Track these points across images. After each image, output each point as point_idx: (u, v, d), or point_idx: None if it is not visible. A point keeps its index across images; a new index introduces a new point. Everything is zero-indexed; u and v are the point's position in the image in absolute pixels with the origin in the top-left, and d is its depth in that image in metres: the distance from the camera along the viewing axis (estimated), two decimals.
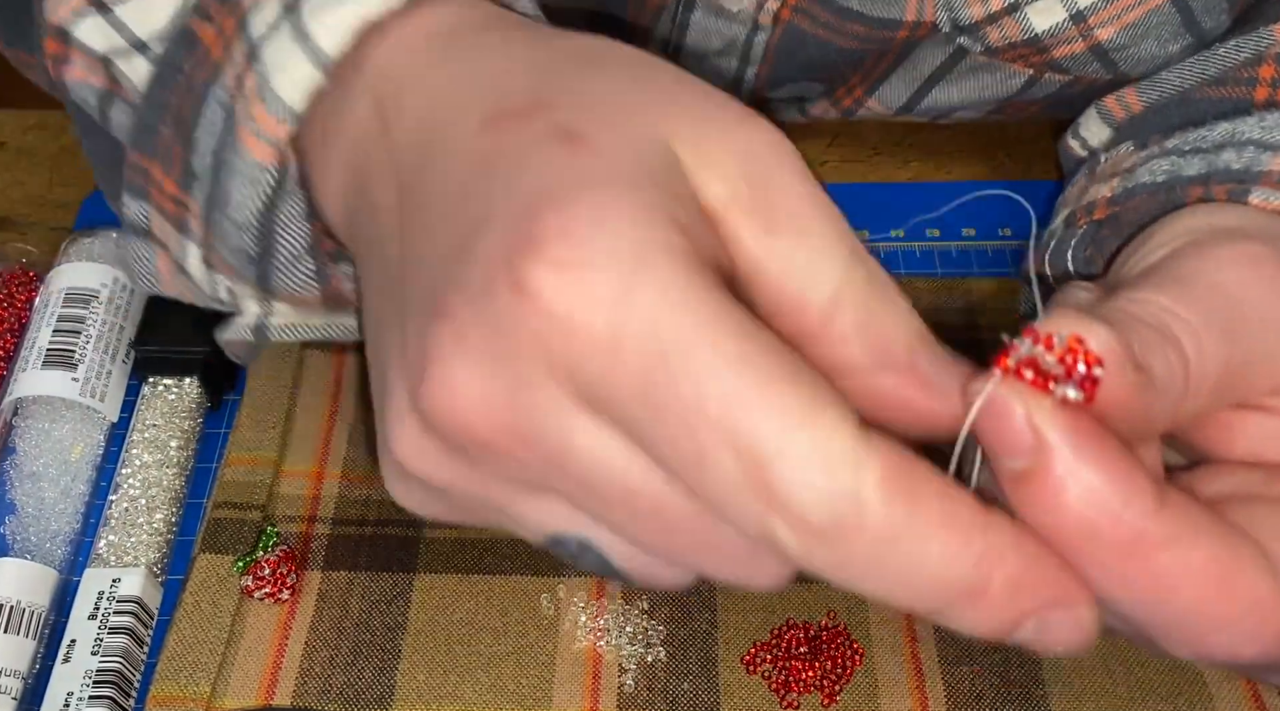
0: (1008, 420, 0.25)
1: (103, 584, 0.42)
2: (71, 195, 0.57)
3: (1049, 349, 0.25)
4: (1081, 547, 0.25)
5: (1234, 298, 0.30)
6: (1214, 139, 0.39)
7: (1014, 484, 0.25)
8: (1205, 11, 0.43)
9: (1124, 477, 0.25)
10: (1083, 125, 0.49)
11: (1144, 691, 0.40)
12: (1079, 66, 0.46)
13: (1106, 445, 0.25)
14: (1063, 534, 0.25)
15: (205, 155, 0.32)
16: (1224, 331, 0.29)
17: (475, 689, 0.41)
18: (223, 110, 0.32)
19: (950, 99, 0.51)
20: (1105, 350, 0.26)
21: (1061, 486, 0.25)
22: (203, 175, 0.33)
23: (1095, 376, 0.25)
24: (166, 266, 0.37)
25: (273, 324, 0.37)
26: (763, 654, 0.41)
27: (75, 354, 0.47)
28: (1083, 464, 0.25)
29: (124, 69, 0.35)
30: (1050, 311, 0.26)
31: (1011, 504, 0.26)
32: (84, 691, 0.40)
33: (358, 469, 0.46)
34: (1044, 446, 0.25)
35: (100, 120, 0.37)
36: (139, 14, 0.34)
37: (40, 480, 0.45)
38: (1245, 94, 0.40)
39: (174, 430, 0.47)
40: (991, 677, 0.41)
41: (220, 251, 0.34)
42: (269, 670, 0.41)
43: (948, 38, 0.47)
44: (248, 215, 0.32)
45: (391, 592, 0.43)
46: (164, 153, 0.34)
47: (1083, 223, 0.40)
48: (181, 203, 0.34)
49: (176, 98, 0.33)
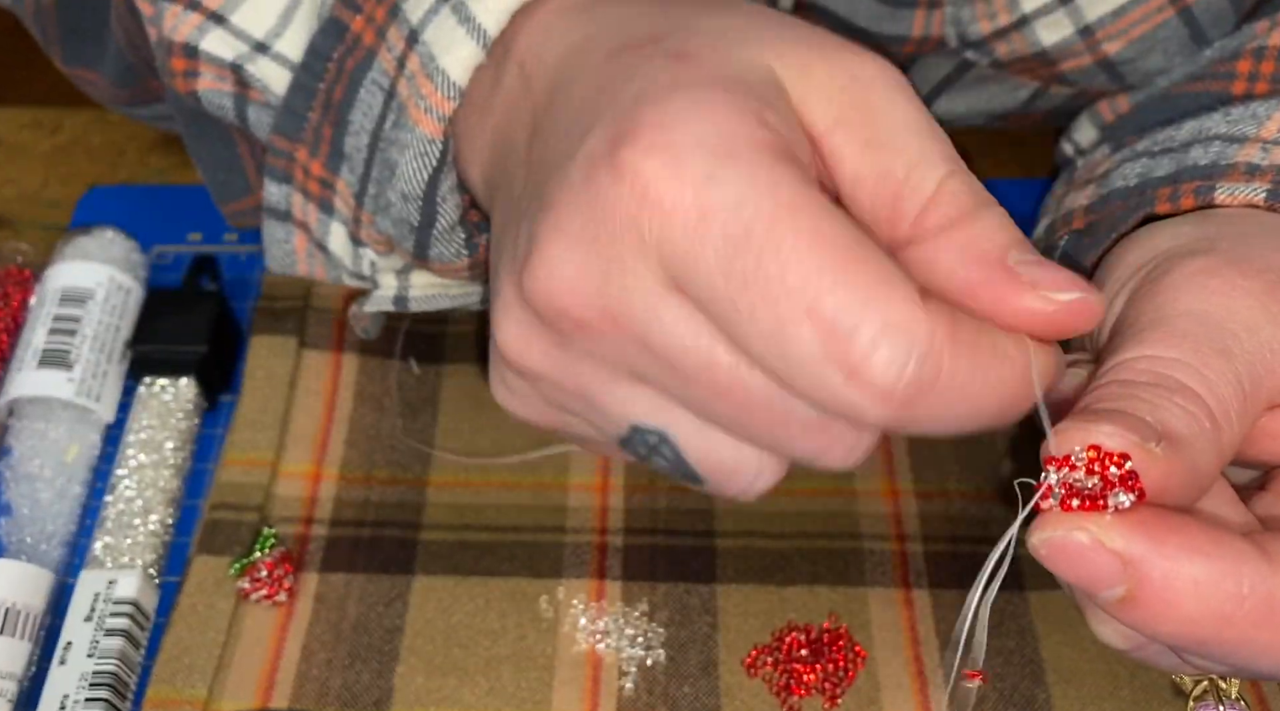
0: (1084, 558, 0.25)
1: (99, 586, 0.42)
2: (66, 193, 0.57)
3: (1073, 470, 0.25)
4: (1219, 636, 0.25)
5: (1210, 316, 0.30)
6: (1182, 138, 0.39)
7: (1123, 610, 0.25)
8: (1213, 25, 0.43)
9: (1223, 553, 0.24)
10: (1075, 128, 0.49)
11: (1147, 693, 0.40)
12: (1086, 79, 0.46)
13: (1187, 530, 0.25)
14: (1196, 635, 0.25)
15: (361, 134, 0.35)
16: (1219, 352, 0.29)
17: (474, 691, 0.41)
18: (381, 92, 0.34)
19: (956, 110, 0.51)
20: (1122, 444, 0.25)
21: (1171, 594, 0.24)
22: (354, 154, 0.36)
23: (1133, 472, 0.25)
24: (304, 246, 0.40)
25: (413, 295, 0.40)
26: (764, 656, 0.41)
27: (71, 354, 0.47)
28: (1177, 561, 0.24)
29: (253, 71, 0.38)
30: (1054, 431, 0.26)
31: (1130, 626, 0.26)
32: (80, 694, 0.40)
33: (355, 470, 0.46)
34: (1131, 564, 0.25)
35: (237, 120, 0.39)
36: (252, 18, 0.38)
37: (36, 481, 0.45)
38: (1223, 88, 0.40)
39: (170, 431, 0.46)
40: (993, 679, 0.41)
41: (380, 224, 0.36)
42: (266, 672, 0.41)
43: (955, 52, 0.47)
44: (415, 187, 0.34)
45: (389, 595, 0.43)
46: (311, 136, 0.37)
47: (1063, 234, 0.40)
48: (328, 183, 0.37)
49: (326, 84, 0.36)
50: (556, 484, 0.46)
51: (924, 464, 0.46)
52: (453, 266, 0.37)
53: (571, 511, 0.45)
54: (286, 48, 0.38)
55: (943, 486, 0.45)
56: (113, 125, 0.59)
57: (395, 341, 0.49)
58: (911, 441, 0.46)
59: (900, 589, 0.43)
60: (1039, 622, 0.42)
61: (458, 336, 0.49)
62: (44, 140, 0.59)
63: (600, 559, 0.44)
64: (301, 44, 0.38)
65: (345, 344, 0.49)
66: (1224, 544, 0.25)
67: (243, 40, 0.39)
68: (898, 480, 0.46)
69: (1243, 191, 0.35)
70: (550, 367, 0.29)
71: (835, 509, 0.45)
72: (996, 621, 0.42)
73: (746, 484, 0.30)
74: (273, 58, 0.38)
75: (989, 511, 0.45)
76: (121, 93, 0.48)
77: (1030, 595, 0.42)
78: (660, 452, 0.29)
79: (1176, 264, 0.32)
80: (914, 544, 0.44)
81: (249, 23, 0.39)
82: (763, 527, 0.44)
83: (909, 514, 0.45)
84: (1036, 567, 0.42)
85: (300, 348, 0.48)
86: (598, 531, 0.44)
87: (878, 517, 0.45)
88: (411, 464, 0.46)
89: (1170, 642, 0.26)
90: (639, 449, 0.30)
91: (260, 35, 0.38)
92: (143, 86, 0.47)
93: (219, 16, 0.39)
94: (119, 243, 0.50)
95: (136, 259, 0.51)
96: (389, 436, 0.47)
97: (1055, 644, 0.41)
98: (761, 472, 0.29)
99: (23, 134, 0.59)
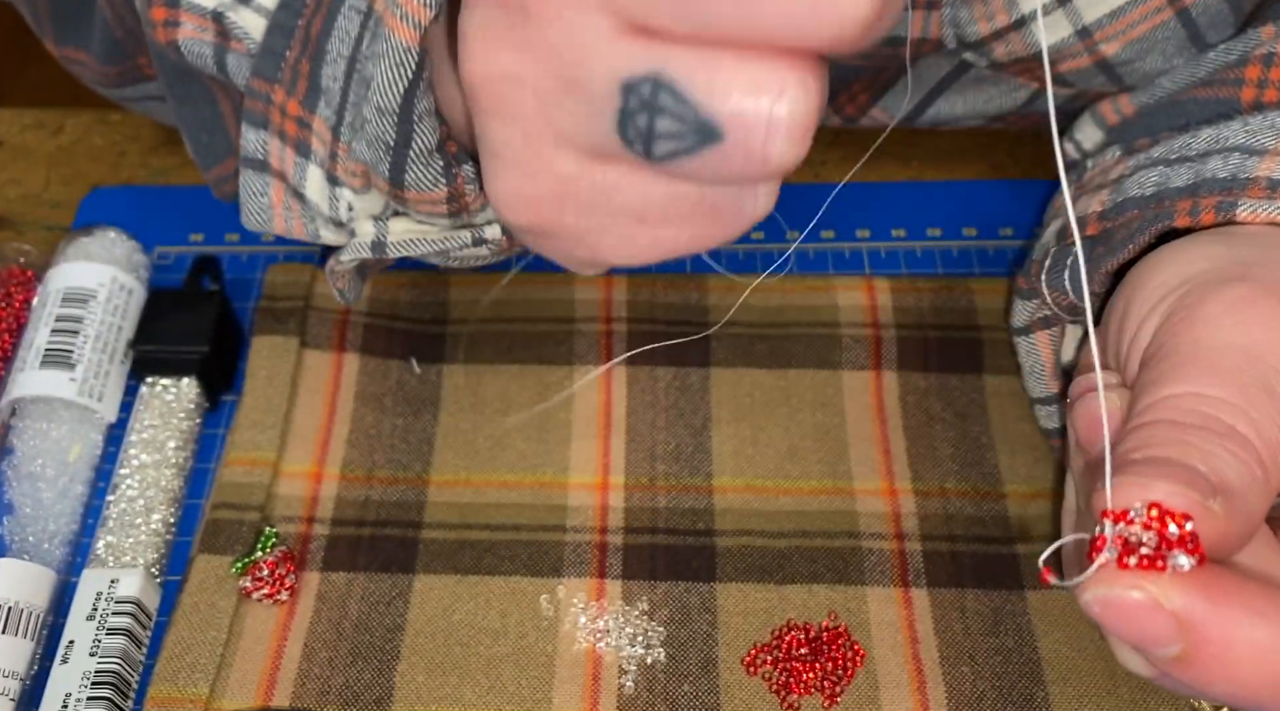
0: (1141, 617, 0.25)
1: (101, 585, 0.42)
2: (69, 194, 0.57)
3: (1129, 524, 0.25)
4: (1273, 698, 0.24)
5: (1253, 351, 0.29)
6: (1199, 146, 0.39)
7: (1177, 668, 0.25)
8: (1211, 27, 0.43)
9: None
10: (1077, 128, 0.49)
11: (1145, 693, 0.40)
12: (1084, 80, 0.46)
13: (1246, 591, 0.25)
14: (1252, 698, 0.24)
15: (338, 62, 0.35)
16: (1262, 389, 0.28)
17: (474, 690, 0.41)
18: (359, 15, 0.34)
19: (955, 111, 0.51)
20: (1184, 504, 0.25)
21: (1229, 656, 0.24)
22: (331, 86, 0.35)
23: (1194, 534, 0.25)
24: (280, 197, 0.39)
25: (390, 240, 0.38)
26: (763, 655, 0.41)
27: (73, 354, 0.47)
28: (1237, 625, 0.24)
29: (234, 19, 0.37)
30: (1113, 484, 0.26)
31: (1184, 686, 0.25)
32: (82, 692, 0.40)
33: (356, 470, 0.46)
34: (1189, 626, 0.24)
35: (217, 70, 0.39)
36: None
37: (38, 481, 0.45)
38: (1231, 95, 0.40)
39: (172, 430, 0.46)
40: (993, 679, 0.41)
41: (357, 150, 0.36)
42: (267, 671, 0.41)
43: (953, 53, 0.47)
44: (391, 99, 0.33)
45: (390, 593, 0.43)
46: (289, 74, 0.36)
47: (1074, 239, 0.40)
48: (305, 122, 0.37)
49: (305, 19, 0.36)
50: (556, 483, 0.46)
51: (922, 463, 0.46)
52: (430, 197, 0.36)
53: (571, 510, 0.45)
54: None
55: (941, 485, 0.45)
56: (115, 126, 0.60)
57: (396, 341, 0.49)
58: (910, 441, 0.47)
59: (899, 588, 0.43)
60: (1037, 622, 0.42)
61: (458, 336, 0.50)
62: (47, 141, 0.59)
63: (600, 558, 0.44)
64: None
65: (346, 344, 0.49)
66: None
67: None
68: (896, 479, 0.46)
69: (1265, 209, 0.35)
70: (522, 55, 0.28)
71: (834, 508, 0.45)
72: (994, 620, 0.42)
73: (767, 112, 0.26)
74: (254, 8, 0.38)
75: (987, 510, 0.45)
76: (110, 71, 0.48)
77: (1029, 594, 0.43)
78: (662, 107, 0.26)
79: (1212, 292, 0.32)
80: (912, 543, 0.44)
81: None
82: (762, 527, 0.44)
83: (907, 513, 0.45)
84: (1035, 567, 0.43)
85: (301, 348, 0.49)
86: (598, 530, 0.44)
87: (876, 517, 0.45)
88: (412, 463, 0.46)
89: (1223, 702, 0.26)
90: (638, 118, 0.27)
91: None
92: (131, 63, 0.47)
93: None
94: (121, 243, 0.51)
95: (138, 259, 0.51)
96: (390, 436, 0.47)
97: (1054, 643, 0.41)
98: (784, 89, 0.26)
99: (25, 135, 0.60)
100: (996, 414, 0.47)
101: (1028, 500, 0.45)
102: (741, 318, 0.49)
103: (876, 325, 0.49)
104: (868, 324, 0.49)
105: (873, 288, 0.50)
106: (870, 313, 0.50)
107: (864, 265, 0.52)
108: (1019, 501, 0.45)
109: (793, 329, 0.49)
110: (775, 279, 0.51)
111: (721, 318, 0.49)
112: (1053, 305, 0.41)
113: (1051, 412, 0.44)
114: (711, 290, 0.51)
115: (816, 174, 0.56)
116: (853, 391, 0.48)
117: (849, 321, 0.49)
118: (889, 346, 0.49)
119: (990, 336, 0.49)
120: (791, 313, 0.50)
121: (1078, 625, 0.42)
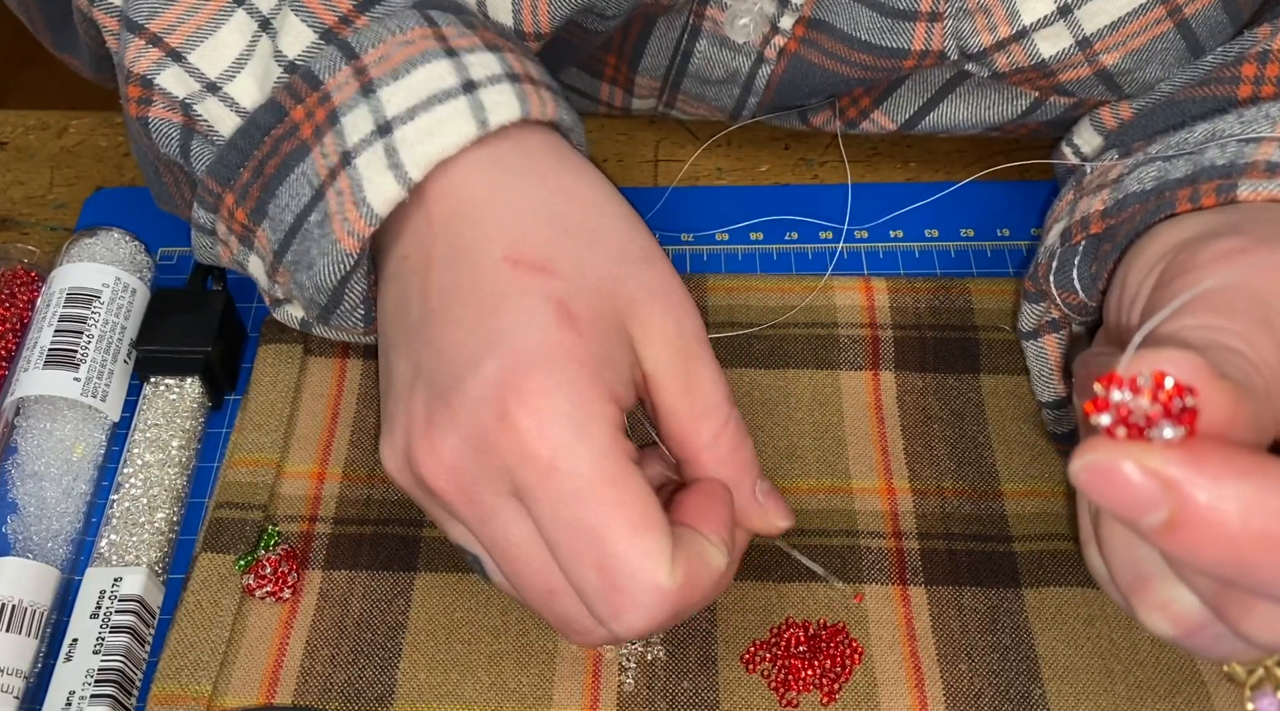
0: (1126, 482, 0.24)
1: (104, 583, 0.42)
2: (72, 195, 0.57)
3: (1135, 392, 0.24)
4: (1266, 557, 0.24)
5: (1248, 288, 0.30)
6: (1196, 140, 0.39)
7: (1166, 536, 0.24)
8: (1210, 37, 0.43)
9: (1267, 472, 0.24)
10: (1076, 133, 0.49)
11: (1142, 690, 0.40)
12: (1084, 90, 0.46)
13: (1227, 451, 0.24)
14: (1244, 557, 0.24)
15: (286, 211, 0.40)
16: (1260, 322, 0.29)
17: (476, 687, 0.41)
18: (311, 189, 0.39)
19: (955, 119, 0.51)
20: (1194, 371, 0.25)
21: (1215, 514, 0.24)
22: (278, 218, 0.40)
23: (1192, 407, 0.24)
24: (228, 256, 0.44)
25: (315, 331, 0.46)
26: (762, 652, 0.42)
27: (77, 354, 0.47)
28: (1220, 480, 0.24)
29: (200, 110, 0.42)
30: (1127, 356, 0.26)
31: (1174, 557, 0.25)
32: (86, 690, 0.40)
33: (359, 469, 0.47)
34: (1173, 485, 0.24)
35: (180, 152, 0.43)
36: (208, 58, 0.41)
37: (42, 479, 0.46)
38: (1229, 92, 0.40)
39: (175, 430, 0.47)
40: (990, 676, 0.41)
41: (291, 287, 0.42)
42: (270, 669, 0.42)
43: (954, 64, 0.47)
44: (328, 283, 0.40)
45: (392, 591, 0.43)
46: (240, 189, 0.41)
47: (1079, 238, 0.40)
48: (249, 228, 0.41)
49: (261, 154, 0.40)
50: None
51: (919, 462, 0.46)
52: (351, 330, 0.43)
53: None
54: (235, 91, 0.41)
55: (938, 484, 0.46)
56: (118, 128, 0.60)
57: None
58: (907, 440, 0.47)
59: (897, 586, 0.43)
60: (1034, 619, 0.42)
61: None
62: (50, 142, 0.60)
63: None
64: (248, 91, 0.41)
65: (350, 351, 0.49)
66: (1267, 463, 0.24)
67: (196, 79, 0.41)
68: (894, 478, 0.46)
69: (1266, 187, 0.35)
70: (413, 496, 0.39)
71: (832, 507, 0.45)
72: (991, 618, 0.42)
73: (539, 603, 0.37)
74: (221, 98, 0.41)
75: (984, 509, 0.45)
76: (104, 76, 0.50)
77: (1026, 592, 0.43)
78: (475, 566, 0.39)
79: (1206, 244, 0.32)
80: (910, 541, 0.44)
81: (205, 62, 0.41)
82: None
83: (905, 512, 0.45)
84: (1032, 564, 0.43)
85: (305, 355, 0.49)
86: None
87: (874, 515, 0.45)
88: None
89: (1217, 572, 0.25)
90: (466, 556, 0.39)
91: (213, 75, 0.41)
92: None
93: (178, 54, 0.41)
94: (125, 244, 0.51)
95: (142, 260, 0.51)
96: None
97: (1050, 640, 0.42)
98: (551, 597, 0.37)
99: (29, 136, 0.60)
100: (993, 413, 0.47)
101: (1024, 499, 0.45)
102: (740, 318, 0.50)
103: (874, 325, 0.49)
104: (865, 324, 0.49)
105: (870, 288, 0.51)
106: (868, 313, 0.50)
107: (862, 265, 0.52)
108: (1015, 500, 0.45)
109: (791, 329, 0.50)
110: (774, 279, 0.51)
111: (720, 319, 0.50)
112: (1062, 305, 0.41)
113: (1060, 416, 0.44)
114: (711, 291, 0.51)
115: (816, 176, 0.57)
116: (850, 391, 0.48)
117: (847, 321, 0.50)
118: (887, 346, 0.49)
119: (987, 336, 0.49)
120: (789, 313, 0.50)
121: (1074, 622, 0.42)
